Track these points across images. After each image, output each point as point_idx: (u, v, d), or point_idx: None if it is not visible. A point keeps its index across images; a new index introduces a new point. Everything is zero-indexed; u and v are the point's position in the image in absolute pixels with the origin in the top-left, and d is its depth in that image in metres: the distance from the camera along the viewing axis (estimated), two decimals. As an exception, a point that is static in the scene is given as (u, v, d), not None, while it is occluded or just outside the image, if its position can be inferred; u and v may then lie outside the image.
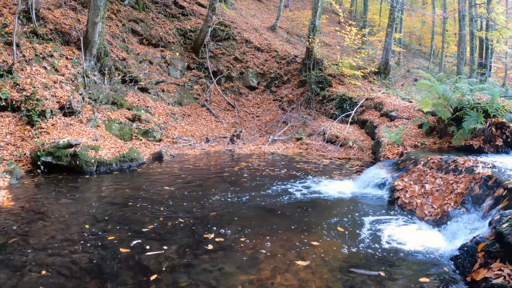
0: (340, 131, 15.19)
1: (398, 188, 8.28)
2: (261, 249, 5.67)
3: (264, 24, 27.84)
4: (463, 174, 7.53)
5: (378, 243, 6.01)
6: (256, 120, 18.49)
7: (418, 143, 11.59)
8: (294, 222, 6.87)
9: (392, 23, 21.73)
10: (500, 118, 10.81)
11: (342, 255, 5.58)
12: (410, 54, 37.45)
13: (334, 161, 12.61)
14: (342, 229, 6.58)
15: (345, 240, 6.11)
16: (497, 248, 4.82)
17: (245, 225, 6.68)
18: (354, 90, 18.99)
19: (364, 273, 5.07)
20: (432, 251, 5.77)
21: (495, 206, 6.07)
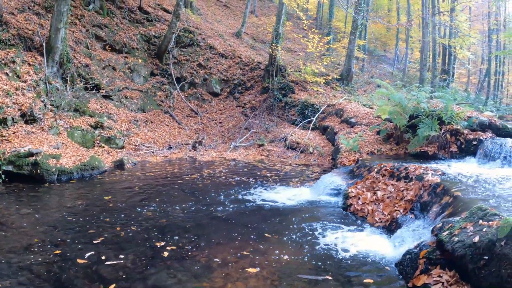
0: (301, 138, 15.39)
1: (351, 195, 8.50)
2: (215, 257, 5.76)
3: (229, 30, 27.92)
4: (414, 182, 7.80)
5: (328, 250, 6.16)
6: (219, 127, 18.55)
7: (375, 149, 11.86)
8: (249, 230, 6.98)
9: (355, 30, 22.12)
10: (455, 125, 11.16)
11: (293, 262, 5.71)
12: (375, 60, 37.96)
13: (295, 168, 12.77)
14: (295, 236, 6.72)
15: (297, 247, 6.25)
16: (437, 255, 5.04)
17: (201, 234, 6.75)
18: (316, 97, 19.26)
19: (311, 278, 5.24)
20: (379, 257, 5.94)
21: (441, 213, 6.29)
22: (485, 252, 4.37)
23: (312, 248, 6.24)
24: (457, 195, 6.32)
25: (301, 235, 6.80)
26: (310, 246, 6.33)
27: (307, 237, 6.74)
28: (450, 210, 6.11)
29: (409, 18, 36.10)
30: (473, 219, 5.05)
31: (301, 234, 6.87)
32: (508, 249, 4.16)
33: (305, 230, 7.08)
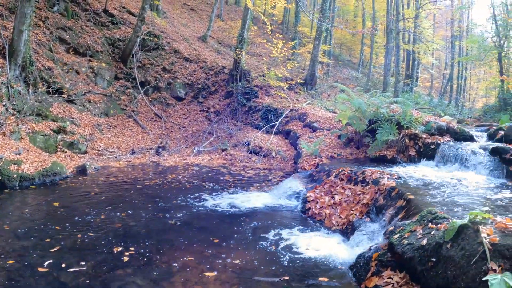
0: (264, 142, 15.49)
1: (309, 199, 8.62)
2: (175, 262, 5.79)
3: (195, 33, 27.87)
4: (370, 186, 7.96)
5: (286, 253, 6.26)
6: (182, 131, 18.52)
7: (335, 154, 12.03)
8: (209, 235, 7.01)
9: (320, 36, 22.37)
10: (413, 129, 11.40)
11: (251, 265, 5.79)
12: (340, 64, 38.32)
13: (257, 172, 12.84)
14: (254, 240, 6.81)
15: (256, 251, 6.32)
16: (388, 257, 5.18)
17: (161, 239, 6.77)
18: (280, 101, 19.42)
19: (267, 280, 5.35)
20: (335, 259, 6.06)
21: (395, 216, 6.44)
22: (432, 254, 4.51)
23: (270, 252, 6.33)
24: (410, 199, 6.48)
25: (259, 239, 6.88)
26: (268, 250, 6.41)
27: (266, 240, 6.82)
28: (403, 214, 6.25)
29: (374, 24, 36.59)
30: (423, 222, 5.19)
31: (260, 238, 6.95)
32: (453, 251, 4.30)
33: (264, 234, 7.16)
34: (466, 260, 4.09)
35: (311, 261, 6.01)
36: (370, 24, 37.95)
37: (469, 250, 4.14)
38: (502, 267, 3.82)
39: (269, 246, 6.58)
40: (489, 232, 4.17)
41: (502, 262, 3.86)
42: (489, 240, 4.05)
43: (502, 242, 3.99)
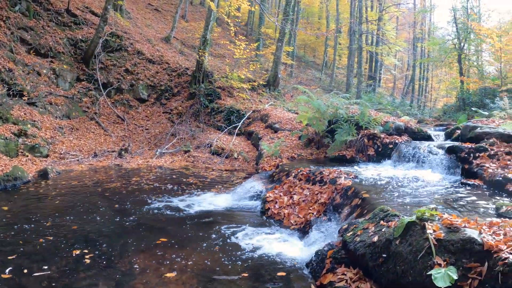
0: (227, 143, 15.53)
1: (269, 199, 8.70)
2: (136, 265, 5.79)
3: (159, 34, 27.69)
4: (328, 185, 8.11)
5: (245, 252, 6.32)
6: (145, 133, 18.42)
7: (296, 154, 12.14)
8: (171, 237, 7.01)
9: (283, 38, 22.54)
10: (372, 129, 11.62)
11: (211, 265, 5.83)
12: (304, 65, 38.59)
13: (220, 174, 12.87)
14: (214, 241, 6.84)
15: (215, 251, 6.36)
16: (342, 255, 5.31)
17: (123, 241, 6.74)
18: (242, 102, 19.50)
19: (227, 278, 5.42)
20: (293, 257, 6.15)
21: (351, 215, 6.59)
22: (383, 251, 4.65)
23: (230, 252, 6.37)
24: (365, 197, 6.63)
25: (219, 240, 6.92)
26: (228, 250, 6.46)
27: (226, 241, 6.87)
28: (358, 212, 6.40)
29: (337, 26, 36.99)
30: (375, 220, 5.34)
31: (220, 238, 6.99)
32: (402, 247, 4.44)
33: (224, 234, 7.20)
34: (414, 255, 4.24)
35: (269, 260, 6.07)
36: (334, 26, 38.36)
37: (416, 246, 4.29)
38: (447, 261, 3.96)
39: (229, 247, 6.62)
40: (435, 228, 4.32)
41: (448, 256, 4.00)
42: (435, 236, 4.20)
43: (447, 238, 4.14)
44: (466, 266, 3.85)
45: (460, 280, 3.79)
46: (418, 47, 47.64)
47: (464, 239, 4.03)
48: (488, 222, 4.54)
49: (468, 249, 3.95)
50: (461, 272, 3.83)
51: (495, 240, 3.96)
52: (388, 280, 4.47)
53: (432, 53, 40.09)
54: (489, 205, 6.31)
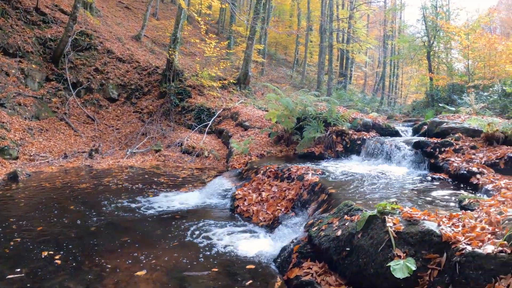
0: (197, 142, 15.53)
1: (238, 197, 8.77)
2: (107, 265, 5.79)
3: (129, 32, 27.42)
4: (295, 182, 8.22)
5: (214, 249, 6.39)
6: (116, 133, 18.25)
7: (265, 152, 12.22)
8: (140, 236, 7.04)
9: (253, 36, 22.60)
10: (340, 126, 11.78)
11: (181, 262, 5.88)
12: (275, 63, 38.70)
13: (190, 172, 12.85)
14: (184, 239, 6.89)
15: (185, 249, 6.42)
16: (308, 249, 5.41)
17: (94, 242, 6.72)
18: (213, 101, 19.52)
19: (197, 274, 5.49)
20: (261, 253, 6.23)
21: (317, 210, 6.70)
22: (346, 244, 4.76)
23: (199, 249, 6.43)
24: (331, 193, 6.75)
25: (190, 238, 6.97)
26: (198, 247, 6.51)
27: (196, 239, 6.92)
28: (324, 207, 6.51)
29: (308, 24, 37.19)
30: (339, 214, 5.45)
31: (190, 236, 7.03)
32: (364, 240, 4.55)
33: (193, 232, 7.24)
34: (375, 248, 4.35)
35: (239, 256, 6.15)
36: (305, 24, 38.53)
37: (377, 239, 4.40)
38: (407, 253, 4.07)
39: (199, 244, 6.67)
40: (395, 221, 4.42)
41: (407, 248, 4.11)
42: (395, 229, 4.31)
43: (406, 230, 4.25)
44: (426, 257, 3.98)
45: (420, 271, 3.92)
46: (388, 44, 48.22)
47: (422, 231, 4.15)
48: (448, 214, 4.67)
49: (427, 241, 4.07)
50: (420, 263, 3.96)
51: (454, 231, 4.09)
52: (351, 273, 4.58)
53: (402, 51, 40.60)
54: (452, 198, 6.51)
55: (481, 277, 3.45)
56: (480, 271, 3.47)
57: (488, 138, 9.91)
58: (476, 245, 3.73)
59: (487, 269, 3.44)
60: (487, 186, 7.20)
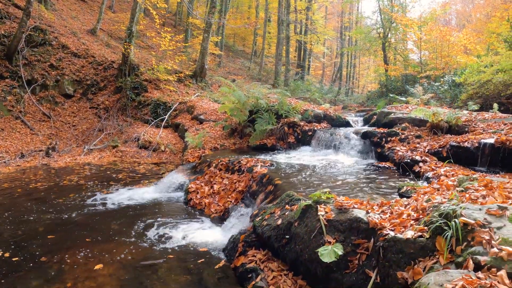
0: (154, 136, 15.57)
1: (191, 190, 9.01)
2: (66, 261, 5.90)
3: (85, 26, 27.01)
4: (245, 174, 8.49)
5: (169, 240, 6.66)
6: (72, 130, 18.08)
7: (219, 145, 12.42)
8: (98, 233, 7.14)
9: (209, 28, 22.64)
10: (292, 118, 12.06)
11: (137, 254, 6.09)
12: (233, 55, 38.77)
13: (147, 167, 12.92)
14: (140, 232, 7.08)
15: (141, 242, 6.62)
16: (252, 238, 5.71)
17: (52, 240, 6.79)
18: (169, 95, 19.55)
19: (153, 262, 5.78)
20: (211, 243, 6.53)
21: (264, 201, 6.98)
22: (285, 232, 5.06)
23: (155, 242, 6.66)
24: (277, 184, 7.04)
25: (145, 231, 7.16)
26: (153, 240, 6.73)
27: (152, 232, 7.12)
28: (270, 198, 6.80)
29: (266, 15, 37.36)
30: (281, 204, 5.74)
31: (145, 230, 7.23)
32: (300, 228, 4.85)
33: (149, 226, 7.44)
34: (308, 235, 4.65)
35: (191, 246, 6.42)
36: (263, 15, 38.67)
37: (311, 226, 4.70)
38: (337, 239, 4.38)
39: (154, 237, 6.87)
40: (327, 210, 4.73)
41: (337, 235, 4.42)
42: (326, 217, 4.61)
43: (336, 218, 4.56)
44: (354, 242, 4.28)
45: (350, 255, 4.24)
46: (346, 35, 48.91)
47: (351, 219, 4.45)
48: (379, 202, 4.98)
49: (355, 228, 4.38)
50: (350, 248, 4.28)
51: (381, 218, 4.40)
52: (291, 259, 4.89)
53: (359, 42, 41.21)
54: (395, 185, 6.89)
55: (402, 260, 3.75)
56: (401, 255, 3.78)
57: (433, 128, 10.34)
58: (399, 231, 4.03)
59: (407, 253, 3.74)
60: (428, 173, 7.58)
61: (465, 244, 3.41)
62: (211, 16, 22.05)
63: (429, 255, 3.62)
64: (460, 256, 3.33)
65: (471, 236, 3.44)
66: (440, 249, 3.52)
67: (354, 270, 4.15)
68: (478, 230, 3.43)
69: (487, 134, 8.96)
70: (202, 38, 22.93)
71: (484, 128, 9.84)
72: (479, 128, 9.90)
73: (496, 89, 15.42)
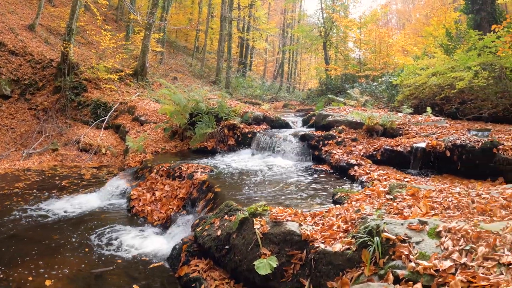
0: (94, 138, 15.15)
1: (133, 197, 8.98)
2: (11, 277, 5.75)
3: (23, 21, 26.10)
4: (186, 180, 8.58)
5: (113, 251, 6.67)
6: (10, 133, 17.40)
7: (160, 148, 12.42)
8: (44, 245, 6.96)
9: (150, 26, 22.49)
10: (232, 120, 12.25)
11: (84, 265, 6.10)
12: (175, 51, 38.56)
13: (88, 172, 12.48)
14: (84, 243, 7.02)
15: (87, 253, 6.59)
16: (195, 248, 5.86)
17: None
18: (109, 95, 19.18)
19: (103, 270, 5.89)
20: (155, 252, 6.60)
21: (205, 208, 7.14)
22: (225, 243, 5.28)
23: (100, 251, 6.65)
24: (217, 191, 7.24)
25: (90, 241, 7.10)
26: (98, 250, 6.71)
27: (96, 242, 7.08)
28: (211, 205, 6.98)
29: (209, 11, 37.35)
30: (220, 214, 5.94)
31: (90, 240, 7.17)
32: (238, 240, 5.08)
33: (93, 236, 7.37)
34: (246, 247, 4.90)
35: (136, 255, 6.47)
36: (206, 11, 38.62)
37: (248, 239, 4.94)
38: (272, 251, 4.64)
39: (98, 247, 6.84)
40: (263, 223, 4.98)
41: (272, 247, 4.68)
42: (261, 230, 4.86)
43: (271, 231, 4.83)
44: (289, 253, 4.56)
45: (285, 265, 4.51)
46: (288, 33, 49.48)
47: (285, 232, 4.72)
48: (313, 213, 5.29)
49: (288, 240, 4.65)
50: (285, 259, 4.55)
51: (313, 230, 4.69)
52: (231, 268, 5.10)
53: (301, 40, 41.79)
54: (331, 190, 7.20)
55: (331, 271, 4.05)
56: (330, 266, 4.08)
57: (369, 130, 10.77)
58: (329, 244, 4.33)
59: (335, 264, 4.05)
60: (362, 177, 7.97)
61: (387, 257, 3.70)
62: (151, 18, 21.90)
63: (356, 266, 3.90)
64: (382, 268, 3.62)
65: (392, 250, 3.73)
66: (365, 261, 3.81)
67: (289, 279, 4.41)
68: (399, 245, 3.73)
69: (420, 138, 9.42)
70: (144, 35, 22.70)
71: (417, 131, 10.30)
72: (413, 131, 10.37)
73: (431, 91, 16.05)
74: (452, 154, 8.05)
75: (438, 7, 35.15)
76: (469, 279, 3.08)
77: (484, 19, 17.06)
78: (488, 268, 3.20)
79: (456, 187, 6.10)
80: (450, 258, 3.40)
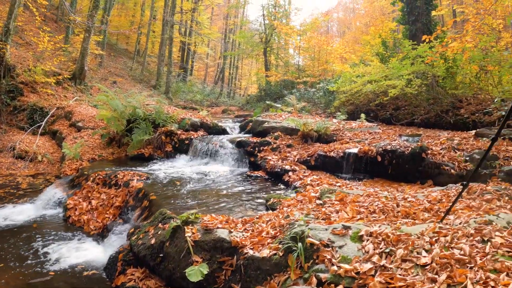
0: (30, 145, 14.68)
1: (69, 206, 8.85)
2: None
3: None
4: (122, 188, 8.57)
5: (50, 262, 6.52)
6: None
7: (96, 155, 12.23)
8: None
9: (90, 28, 22.21)
10: (169, 127, 12.32)
11: (22, 276, 5.99)
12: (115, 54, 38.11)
13: (24, 180, 11.99)
14: (19, 256, 6.79)
15: (22, 267, 6.36)
16: (130, 257, 5.91)
17: None
18: (46, 99, 18.77)
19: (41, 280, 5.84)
20: (94, 262, 6.54)
21: (141, 217, 7.19)
22: (159, 251, 5.38)
23: (36, 262, 6.52)
24: (152, 199, 7.31)
25: (25, 252, 6.94)
26: (34, 261, 6.57)
27: (31, 253, 6.92)
28: (146, 214, 7.04)
29: (151, 14, 37.15)
30: (155, 223, 6.04)
31: (25, 251, 7.00)
32: (171, 248, 5.22)
33: (28, 248, 7.17)
34: (178, 255, 5.04)
35: (72, 266, 6.38)
36: (149, 14, 38.39)
37: (180, 247, 5.09)
38: (203, 258, 4.80)
39: (34, 259, 6.68)
40: (194, 231, 5.15)
41: (204, 254, 4.85)
42: (193, 238, 5.03)
43: (202, 239, 5.00)
44: (220, 260, 4.74)
45: (217, 271, 4.68)
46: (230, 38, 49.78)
47: (215, 239, 4.90)
48: (243, 219, 5.54)
49: (219, 247, 4.83)
50: (216, 266, 4.72)
51: (243, 237, 4.88)
52: (166, 276, 5.20)
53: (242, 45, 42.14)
54: (265, 196, 7.38)
55: (260, 275, 4.24)
56: (259, 271, 4.28)
57: (304, 136, 11.07)
58: (257, 250, 4.53)
59: (264, 269, 4.24)
60: (296, 183, 8.25)
61: (311, 262, 3.92)
62: (91, 20, 21.62)
63: (283, 271, 4.10)
64: (307, 272, 3.83)
65: (316, 254, 3.95)
66: (291, 265, 4.01)
67: (221, 284, 4.57)
68: (322, 249, 3.96)
69: (353, 144, 9.79)
70: (83, 38, 22.36)
71: (350, 137, 10.68)
72: (346, 137, 10.74)
73: (367, 98, 16.62)
74: (383, 159, 8.43)
75: (377, 16, 36.19)
76: (388, 280, 3.29)
77: (419, 29, 17.72)
78: (405, 270, 3.41)
79: (384, 191, 6.43)
80: (371, 261, 3.62)
